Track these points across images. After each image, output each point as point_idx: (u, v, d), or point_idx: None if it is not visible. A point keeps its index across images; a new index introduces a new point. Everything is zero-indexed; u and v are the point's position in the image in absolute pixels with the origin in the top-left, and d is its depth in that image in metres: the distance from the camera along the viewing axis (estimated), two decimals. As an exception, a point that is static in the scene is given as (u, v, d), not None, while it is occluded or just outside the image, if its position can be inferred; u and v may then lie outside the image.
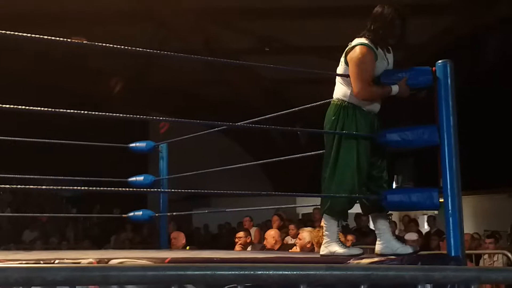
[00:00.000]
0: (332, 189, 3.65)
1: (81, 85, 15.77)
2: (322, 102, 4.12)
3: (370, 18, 3.73)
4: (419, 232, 10.05)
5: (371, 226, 11.35)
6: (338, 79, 3.80)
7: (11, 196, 14.24)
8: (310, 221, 9.67)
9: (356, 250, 3.68)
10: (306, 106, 4.52)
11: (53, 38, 3.07)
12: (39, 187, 2.97)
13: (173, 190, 4.94)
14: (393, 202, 3.60)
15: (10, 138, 5.49)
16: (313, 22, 13.69)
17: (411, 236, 8.08)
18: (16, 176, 5.45)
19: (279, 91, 16.72)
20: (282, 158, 5.00)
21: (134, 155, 6.33)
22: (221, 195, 14.61)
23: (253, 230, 8.85)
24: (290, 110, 4.71)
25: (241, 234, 7.46)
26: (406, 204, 3.63)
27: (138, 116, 3.39)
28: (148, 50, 3.51)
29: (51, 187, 3.44)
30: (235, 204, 8.23)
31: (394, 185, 14.51)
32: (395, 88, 3.62)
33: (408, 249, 3.62)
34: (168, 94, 17.12)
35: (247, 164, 6.48)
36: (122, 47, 3.29)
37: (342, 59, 3.75)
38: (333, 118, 3.72)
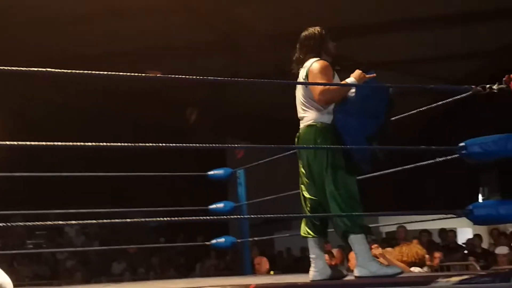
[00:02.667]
0: (343, 207, 3.64)
1: (159, 117, 16.19)
2: (399, 116, 4.07)
3: (308, 39, 3.90)
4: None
5: (459, 241, 10.96)
6: (304, 103, 3.87)
7: (98, 230, 14.73)
8: (394, 239, 9.44)
9: (394, 269, 3.60)
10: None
11: (127, 74, 3.13)
12: (124, 220, 3.07)
13: (254, 216, 4.98)
14: (480, 216, 3.47)
15: (95, 174, 5.72)
16: (382, 38, 13.51)
17: (502, 250, 7.75)
18: (103, 210, 5.66)
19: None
20: (360, 177, 4.93)
21: (213, 182, 6.44)
22: (301, 218, 14.52)
23: (334, 251, 8.72)
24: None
25: (326, 257, 7.35)
26: (494, 218, 3.49)
27: (215, 144, 3.45)
28: (225, 79, 3.58)
29: (136, 219, 3.55)
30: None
31: (480, 198, 13.97)
32: (350, 80, 3.67)
33: (387, 270, 3.55)
34: (242, 119, 17.27)
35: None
36: (197, 77, 3.35)
37: (305, 79, 3.78)
38: (318, 140, 3.72)
